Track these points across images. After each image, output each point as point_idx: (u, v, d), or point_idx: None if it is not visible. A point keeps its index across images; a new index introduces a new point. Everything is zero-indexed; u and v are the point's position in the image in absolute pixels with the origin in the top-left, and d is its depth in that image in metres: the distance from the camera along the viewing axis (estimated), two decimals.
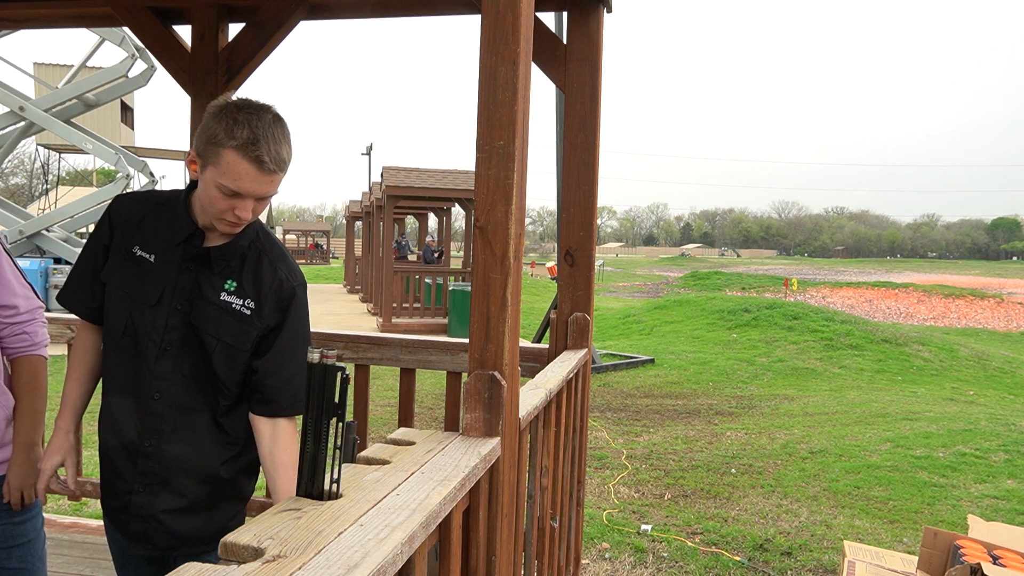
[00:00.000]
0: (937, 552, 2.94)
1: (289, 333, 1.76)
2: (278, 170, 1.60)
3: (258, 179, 1.58)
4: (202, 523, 1.79)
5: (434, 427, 6.92)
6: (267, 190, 1.61)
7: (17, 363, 2.04)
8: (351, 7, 3.21)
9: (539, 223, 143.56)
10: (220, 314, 1.70)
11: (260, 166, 1.56)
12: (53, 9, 3.26)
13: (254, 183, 1.58)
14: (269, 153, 1.56)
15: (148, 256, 1.72)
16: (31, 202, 28.69)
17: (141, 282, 1.71)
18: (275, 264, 1.76)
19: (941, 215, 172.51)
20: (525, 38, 1.47)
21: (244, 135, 1.54)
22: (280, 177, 1.62)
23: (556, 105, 8.63)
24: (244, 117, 1.55)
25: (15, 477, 1.99)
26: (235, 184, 1.57)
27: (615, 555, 4.37)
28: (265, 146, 1.55)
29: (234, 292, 1.71)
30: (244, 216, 1.63)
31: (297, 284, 1.78)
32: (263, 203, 1.66)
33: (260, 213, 1.69)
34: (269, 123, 1.57)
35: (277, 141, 1.58)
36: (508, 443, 1.55)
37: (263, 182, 1.59)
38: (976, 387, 10.81)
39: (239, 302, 1.71)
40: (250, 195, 1.60)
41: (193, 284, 1.71)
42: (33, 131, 13.82)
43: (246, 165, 1.56)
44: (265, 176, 1.58)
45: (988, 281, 48.31)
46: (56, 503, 4.58)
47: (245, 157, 1.55)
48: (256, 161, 1.55)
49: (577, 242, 2.99)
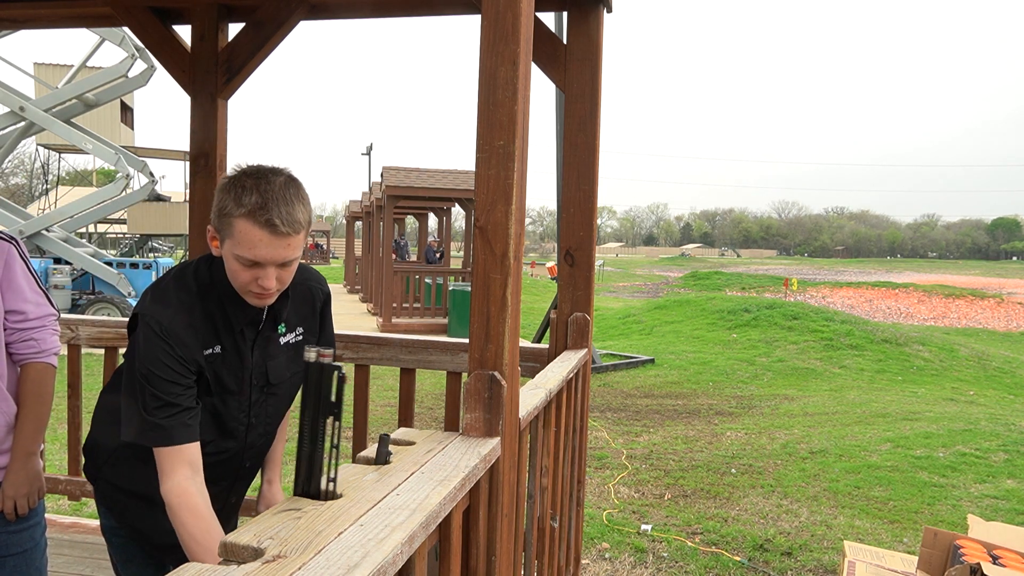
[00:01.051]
0: (937, 552, 2.94)
1: (329, 329, 1.91)
2: (293, 232, 1.52)
3: (273, 244, 1.51)
4: None
5: (434, 427, 6.92)
6: (285, 255, 1.53)
7: (24, 369, 2.03)
8: (351, 7, 3.21)
9: (539, 223, 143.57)
10: (286, 356, 1.79)
11: (272, 230, 1.50)
12: (53, 9, 3.25)
13: (269, 249, 1.51)
14: (280, 216, 1.49)
15: (213, 350, 1.64)
16: (31, 202, 28.68)
17: (218, 376, 1.66)
18: (305, 283, 1.81)
19: (941, 215, 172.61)
20: (525, 38, 1.47)
21: (253, 201, 1.49)
22: (298, 240, 1.54)
23: (556, 105, 8.63)
24: (252, 183, 1.51)
25: (10, 486, 1.97)
26: (251, 253, 1.51)
27: (615, 555, 4.37)
28: (275, 209, 1.49)
29: (286, 331, 1.78)
30: (268, 285, 1.56)
31: (325, 287, 1.90)
32: (287, 269, 1.58)
33: (287, 281, 1.61)
34: (280, 186, 1.52)
35: (289, 203, 1.52)
36: (508, 443, 1.55)
37: (279, 246, 1.52)
38: (976, 387, 10.81)
39: (292, 336, 1.79)
40: (268, 262, 1.53)
41: (262, 353, 1.74)
42: (33, 131, 13.82)
43: (258, 231, 1.49)
44: (280, 240, 1.51)
45: (988, 281, 48.31)
46: (56, 503, 4.58)
47: (256, 223, 1.49)
48: (268, 225, 1.49)
49: (577, 242, 2.99)
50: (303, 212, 1.55)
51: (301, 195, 1.56)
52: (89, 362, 2.16)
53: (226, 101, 3.15)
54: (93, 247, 14.76)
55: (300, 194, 1.56)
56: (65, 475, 3.57)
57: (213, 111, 3.08)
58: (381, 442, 1.36)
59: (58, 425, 5.98)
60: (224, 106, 3.14)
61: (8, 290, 1.97)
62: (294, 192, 1.54)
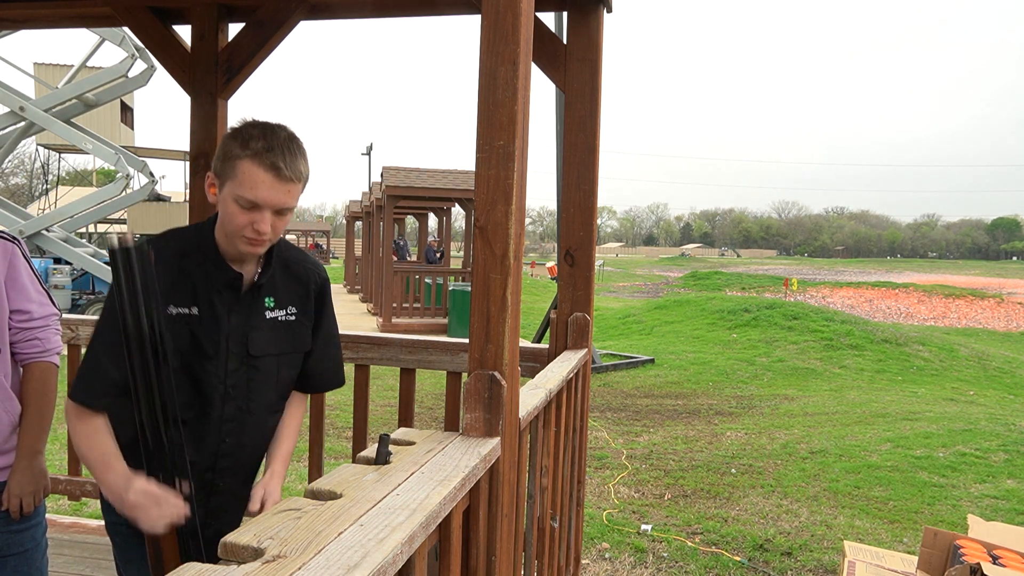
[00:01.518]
0: (937, 552, 2.94)
1: (329, 319, 1.88)
2: (295, 179, 1.58)
3: (275, 187, 1.56)
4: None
5: (434, 427, 6.92)
6: (285, 200, 1.58)
7: (28, 369, 2.03)
8: (351, 7, 3.21)
9: (539, 223, 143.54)
10: (272, 332, 1.76)
11: (276, 173, 1.55)
12: (53, 9, 3.25)
13: (271, 191, 1.56)
14: (284, 161, 1.55)
15: (188, 310, 1.67)
16: (31, 202, 28.69)
17: (194, 337, 1.67)
18: (301, 265, 1.83)
19: (941, 215, 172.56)
20: (525, 38, 1.47)
21: (259, 145, 1.55)
22: (298, 189, 1.60)
23: (556, 105, 8.63)
24: (258, 132, 1.57)
25: (15, 484, 1.97)
26: (252, 194, 1.55)
27: (615, 555, 4.37)
28: (280, 154, 1.55)
29: (275, 307, 1.76)
30: (263, 229, 1.59)
31: (324, 273, 1.88)
32: (282, 218, 1.62)
33: (280, 231, 1.65)
34: (284, 138, 1.58)
35: (293, 154, 1.58)
36: (508, 443, 1.55)
37: (280, 191, 1.57)
38: (976, 387, 10.81)
39: (282, 313, 1.77)
40: (268, 205, 1.57)
41: (243, 321, 1.72)
42: (33, 131, 13.82)
43: (262, 173, 1.55)
44: (282, 184, 1.56)
45: (988, 281, 48.31)
46: (56, 503, 4.58)
47: (261, 165, 1.54)
48: (272, 168, 1.54)
49: (577, 242, 2.99)
50: (304, 165, 1.61)
51: (302, 150, 1.62)
52: None
53: (226, 101, 3.15)
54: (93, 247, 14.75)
55: (302, 149, 1.62)
56: (65, 475, 3.57)
57: (213, 111, 3.08)
58: (381, 442, 1.36)
59: (58, 425, 5.98)
60: (224, 106, 3.14)
61: (13, 290, 1.98)
62: (296, 146, 1.60)
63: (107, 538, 3.34)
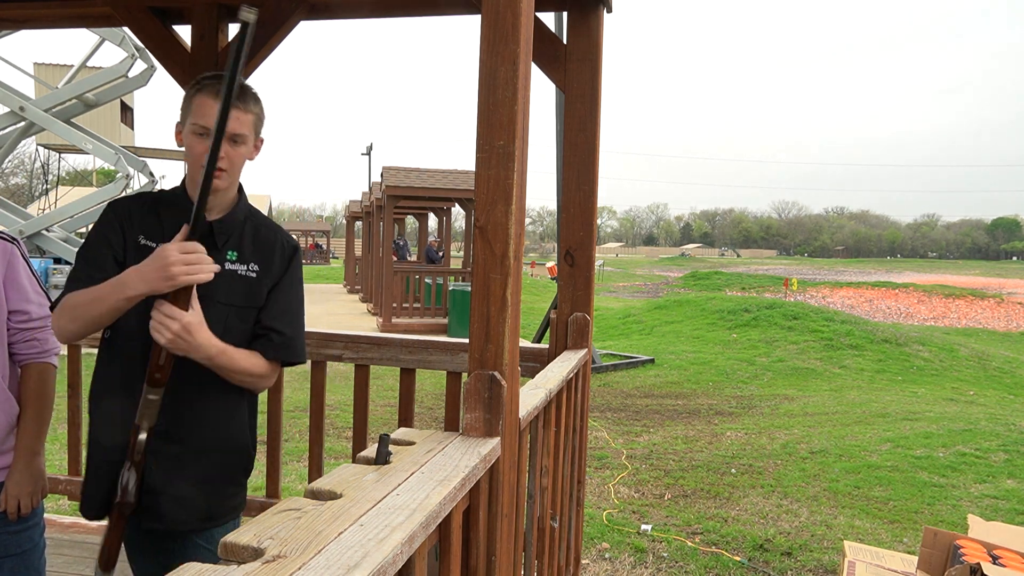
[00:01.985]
0: (937, 552, 2.94)
1: (290, 285, 1.91)
2: (243, 107, 1.73)
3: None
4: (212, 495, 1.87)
5: (434, 427, 6.92)
6: (234, 127, 1.72)
7: (26, 370, 2.03)
8: (351, 7, 3.21)
9: (539, 223, 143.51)
10: (228, 282, 1.80)
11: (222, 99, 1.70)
12: (53, 9, 3.25)
13: None
14: (244, 88, 1.73)
15: (154, 244, 1.77)
16: (31, 202, 28.67)
17: None
18: (273, 231, 1.93)
19: (941, 215, 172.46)
20: (525, 38, 1.47)
21: (210, 80, 1.75)
22: (248, 119, 1.75)
23: (556, 105, 8.63)
24: (211, 74, 1.78)
25: (13, 485, 1.97)
26: (205, 120, 1.71)
27: (615, 555, 4.37)
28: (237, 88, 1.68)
29: (237, 260, 1.84)
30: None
31: (294, 243, 1.95)
32: (236, 149, 1.76)
33: (236, 163, 1.79)
34: (245, 85, 1.77)
35: (249, 90, 1.77)
36: (508, 443, 1.55)
37: (231, 117, 1.67)
38: (976, 387, 10.81)
39: (243, 268, 1.84)
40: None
41: None
42: (33, 131, 13.81)
43: (212, 100, 1.71)
44: (233, 109, 1.69)
45: (988, 281, 48.30)
46: (56, 503, 4.58)
47: (210, 94, 1.72)
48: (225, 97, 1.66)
49: (577, 242, 2.99)
50: (255, 102, 1.79)
51: (254, 95, 1.82)
52: (89, 362, 2.17)
53: None
54: None
55: (253, 93, 1.81)
56: (65, 475, 3.57)
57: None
58: (381, 442, 1.36)
59: (58, 425, 5.97)
60: None
61: (12, 290, 1.97)
62: (247, 88, 1.79)
63: None
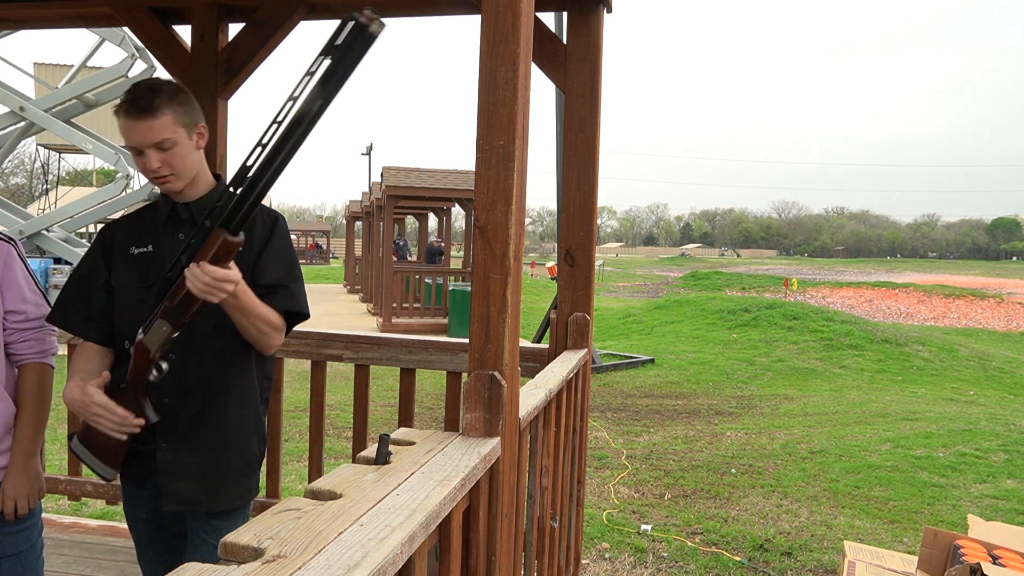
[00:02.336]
0: (937, 552, 2.94)
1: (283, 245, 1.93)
2: (148, 114, 1.73)
3: (136, 128, 1.73)
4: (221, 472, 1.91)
5: (434, 427, 6.92)
6: (151, 136, 1.74)
7: (23, 370, 2.03)
8: (351, 7, 3.20)
9: (539, 223, 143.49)
10: None
11: (130, 115, 1.73)
12: (53, 9, 3.25)
13: (135, 133, 1.74)
14: (135, 104, 1.73)
15: (146, 248, 1.88)
16: (31, 202, 28.66)
17: (147, 270, 1.86)
18: None
19: (941, 215, 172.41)
20: (525, 38, 1.47)
21: (121, 100, 1.76)
22: (160, 122, 1.74)
23: (556, 105, 8.63)
24: (128, 92, 1.78)
25: (10, 486, 1.97)
26: (128, 141, 1.76)
27: (615, 555, 4.37)
28: (132, 99, 1.74)
29: None
30: (151, 167, 1.76)
31: (277, 215, 1.95)
32: (169, 153, 1.77)
33: (178, 166, 1.79)
34: (143, 84, 1.77)
35: (146, 93, 1.74)
36: (508, 443, 1.55)
37: (141, 129, 1.73)
38: (976, 387, 10.81)
39: None
40: (140, 145, 1.75)
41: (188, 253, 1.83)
42: (33, 131, 13.80)
43: (123, 120, 1.75)
44: (140, 123, 1.73)
45: (988, 281, 48.30)
46: (56, 503, 4.58)
47: (121, 115, 1.75)
48: (126, 113, 1.74)
49: (577, 242, 2.99)
50: (159, 98, 1.75)
51: (165, 88, 1.78)
52: None
53: (226, 101, 3.15)
54: None
55: (165, 87, 1.78)
56: (65, 475, 3.57)
57: (213, 111, 3.08)
58: (381, 442, 1.36)
59: (58, 425, 5.98)
60: (224, 106, 3.14)
61: (8, 290, 1.97)
62: (152, 84, 1.77)
63: (107, 538, 3.35)
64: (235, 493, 1.94)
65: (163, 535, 1.98)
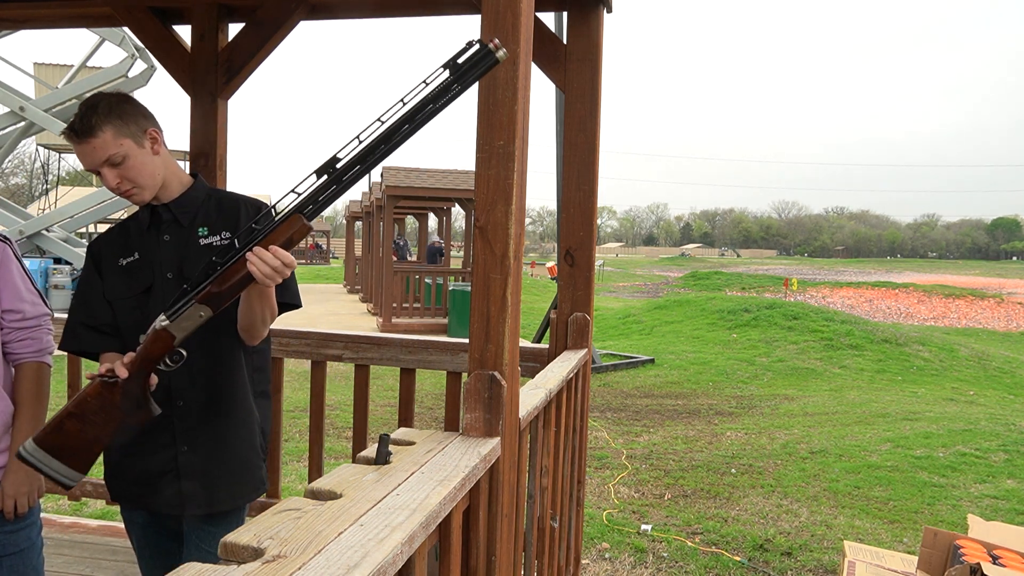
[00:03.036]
0: (937, 552, 2.94)
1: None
2: (89, 135, 1.73)
3: (83, 151, 1.75)
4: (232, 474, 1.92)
5: (434, 427, 6.91)
6: (97, 155, 1.74)
7: (21, 369, 2.03)
8: (351, 7, 3.21)
9: (539, 223, 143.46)
10: (206, 255, 1.79)
11: (71, 140, 1.75)
12: (53, 9, 3.25)
13: (83, 156, 1.76)
14: (74, 127, 1.74)
15: (134, 257, 1.89)
16: (31, 202, 28.66)
17: (137, 278, 1.87)
18: (235, 198, 1.96)
19: (941, 215, 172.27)
20: (525, 38, 1.47)
21: (73, 123, 1.75)
22: (101, 140, 1.73)
23: (556, 105, 8.62)
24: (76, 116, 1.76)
25: (10, 485, 1.97)
26: (81, 163, 1.77)
27: (615, 555, 4.37)
28: (72, 123, 1.74)
29: (209, 234, 1.89)
30: (110, 185, 1.78)
31: (260, 203, 1.94)
32: (122, 167, 1.77)
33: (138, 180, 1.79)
34: (86, 104, 1.76)
35: (82, 115, 1.74)
36: (508, 443, 1.55)
37: (86, 151, 1.74)
38: (976, 387, 10.81)
39: (216, 239, 1.88)
40: (91, 166, 1.76)
41: (174, 249, 1.86)
42: (33, 131, 13.81)
43: (73, 145, 1.75)
44: (84, 146, 1.74)
45: (988, 281, 48.28)
46: (56, 503, 4.58)
47: (68, 139, 1.76)
48: (71, 138, 1.75)
49: (577, 242, 2.99)
50: (99, 116, 1.73)
51: (104, 105, 1.75)
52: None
53: (226, 101, 3.15)
54: None
55: (103, 104, 1.75)
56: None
57: (213, 111, 3.08)
58: (381, 442, 1.36)
59: None
60: (224, 106, 3.14)
61: (5, 289, 1.97)
62: (93, 103, 1.75)
63: (107, 538, 3.35)
64: (252, 486, 1.96)
65: (161, 538, 1.98)
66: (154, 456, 1.85)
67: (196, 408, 1.86)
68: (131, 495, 1.92)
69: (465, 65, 1.36)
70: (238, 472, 1.92)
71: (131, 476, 1.89)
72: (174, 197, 1.88)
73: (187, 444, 1.85)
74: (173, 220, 1.87)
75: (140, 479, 1.87)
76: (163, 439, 1.84)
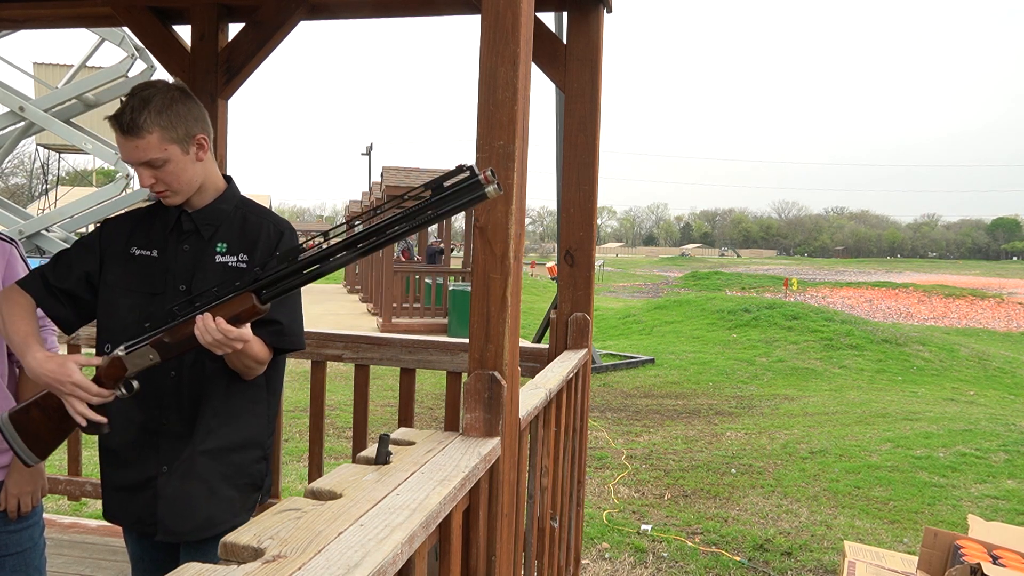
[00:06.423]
0: (937, 552, 2.94)
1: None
2: (133, 134, 1.66)
3: (126, 146, 1.68)
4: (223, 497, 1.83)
5: (434, 427, 6.91)
6: (138, 155, 1.68)
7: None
8: (351, 7, 3.21)
9: (539, 223, 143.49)
10: (219, 275, 1.77)
11: (119, 132, 1.68)
12: (53, 9, 3.25)
13: (126, 150, 1.69)
14: (123, 119, 1.65)
15: (150, 252, 1.81)
16: (31, 202, 28.64)
17: (148, 276, 1.79)
18: (260, 218, 1.88)
19: (941, 215, 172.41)
20: (525, 38, 1.47)
21: (116, 111, 1.68)
22: (146, 142, 1.66)
23: (556, 105, 8.62)
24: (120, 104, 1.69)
25: (13, 484, 1.98)
26: (127, 158, 1.70)
27: (615, 555, 4.37)
28: (123, 114, 1.66)
29: (227, 252, 1.81)
30: (145, 183, 1.72)
31: (284, 228, 1.88)
32: (162, 171, 1.71)
33: (174, 184, 1.73)
34: (136, 95, 1.67)
35: (132, 109, 1.65)
36: (508, 443, 1.55)
37: (129, 148, 1.67)
38: (976, 387, 10.81)
39: (233, 259, 1.81)
40: (131, 163, 1.70)
41: (190, 261, 1.80)
42: (33, 131, 13.80)
43: (116, 135, 1.69)
44: (128, 141, 1.67)
45: (988, 281, 48.27)
46: (56, 503, 4.58)
47: (112, 128, 1.68)
48: (117, 128, 1.68)
49: (577, 242, 2.99)
50: (147, 117, 1.66)
51: (155, 102, 1.67)
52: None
53: (226, 101, 3.15)
54: None
55: (155, 101, 1.67)
56: (65, 475, 3.57)
57: (213, 111, 3.08)
58: (381, 442, 1.36)
59: None
60: (224, 106, 3.14)
61: None
62: (143, 99, 1.67)
63: (107, 538, 3.34)
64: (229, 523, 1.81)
65: (156, 551, 1.93)
66: (138, 472, 1.79)
67: (181, 430, 1.78)
68: (112, 506, 1.87)
69: (447, 191, 1.29)
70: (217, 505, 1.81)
71: (115, 488, 1.85)
72: (203, 204, 1.81)
73: (167, 465, 1.78)
74: (194, 231, 1.80)
75: (122, 493, 1.83)
76: (149, 456, 1.78)
